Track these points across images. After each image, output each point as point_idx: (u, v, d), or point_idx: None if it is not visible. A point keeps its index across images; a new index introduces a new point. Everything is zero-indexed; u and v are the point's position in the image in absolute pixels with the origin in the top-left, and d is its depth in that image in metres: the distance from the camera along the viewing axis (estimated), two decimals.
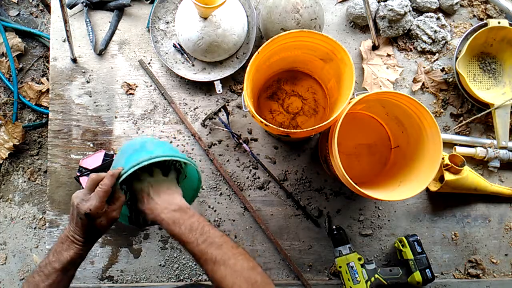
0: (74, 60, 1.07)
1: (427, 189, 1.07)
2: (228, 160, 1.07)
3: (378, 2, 1.09)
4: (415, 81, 1.11)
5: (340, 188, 1.07)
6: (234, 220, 1.05)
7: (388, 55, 1.10)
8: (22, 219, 1.47)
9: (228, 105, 1.08)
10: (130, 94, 1.08)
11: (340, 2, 1.13)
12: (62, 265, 0.63)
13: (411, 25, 1.09)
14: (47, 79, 1.51)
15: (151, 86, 1.08)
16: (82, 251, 0.65)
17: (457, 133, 1.10)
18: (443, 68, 1.10)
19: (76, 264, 0.66)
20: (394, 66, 1.10)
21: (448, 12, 1.13)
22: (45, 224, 1.03)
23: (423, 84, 1.10)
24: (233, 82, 1.09)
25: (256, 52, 0.84)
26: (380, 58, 1.10)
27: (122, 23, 1.11)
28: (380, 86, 1.08)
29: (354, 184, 0.80)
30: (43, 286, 0.62)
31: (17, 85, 1.50)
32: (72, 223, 0.66)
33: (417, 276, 0.95)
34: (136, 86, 1.08)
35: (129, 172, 0.64)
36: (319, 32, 0.86)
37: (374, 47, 1.10)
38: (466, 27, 1.13)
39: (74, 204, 0.64)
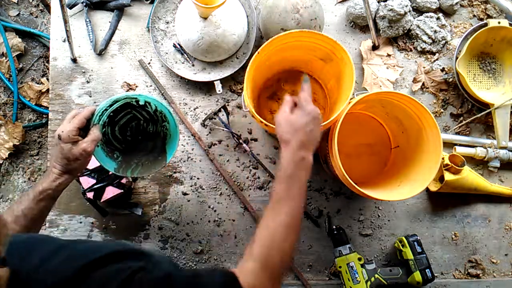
0: (74, 60, 1.07)
1: (427, 189, 1.07)
2: (228, 160, 1.06)
3: (378, 2, 1.09)
4: (415, 81, 1.11)
5: (340, 188, 1.07)
6: (234, 220, 1.05)
7: (388, 55, 1.10)
8: None
9: (228, 105, 1.08)
10: None
11: (340, 2, 1.13)
12: (34, 194, 0.71)
13: (411, 25, 1.09)
14: (47, 79, 1.51)
15: (151, 86, 1.08)
16: (56, 182, 0.71)
17: (457, 133, 1.10)
18: (443, 68, 1.10)
19: (47, 195, 0.71)
20: (394, 66, 1.10)
21: (448, 12, 1.13)
22: (45, 224, 1.03)
23: (423, 84, 1.10)
24: (233, 82, 1.09)
25: (256, 52, 0.84)
26: (380, 58, 1.10)
27: (122, 23, 1.11)
28: (380, 86, 1.08)
29: (354, 184, 0.80)
30: (16, 209, 0.70)
31: (17, 85, 1.50)
32: (53, 157, 0.73)
33: (417, 276, 0.95)
34: (136, 86, 1.08)
35: (104, 106, 0.74)
36: (319, 32, 0.87)
37: (374, 47, 1.10)
38: (466, 27, 1.13)
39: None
